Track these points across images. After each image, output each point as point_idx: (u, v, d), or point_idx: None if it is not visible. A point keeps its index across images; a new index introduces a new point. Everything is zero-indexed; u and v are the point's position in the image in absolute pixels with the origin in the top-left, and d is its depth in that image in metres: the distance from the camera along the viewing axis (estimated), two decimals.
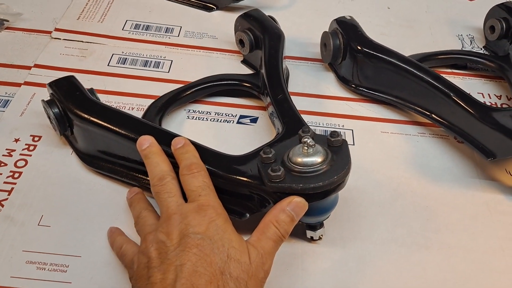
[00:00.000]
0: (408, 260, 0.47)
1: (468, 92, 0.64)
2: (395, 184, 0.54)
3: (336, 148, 0.43)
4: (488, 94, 0.66)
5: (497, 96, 0.65)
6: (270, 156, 0.43)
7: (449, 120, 0.56)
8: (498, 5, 0.70)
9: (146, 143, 0.45)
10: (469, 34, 0.75)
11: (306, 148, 0.42)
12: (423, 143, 0.59)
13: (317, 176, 0.41)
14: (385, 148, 0.58)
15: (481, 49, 0.72)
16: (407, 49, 0.69)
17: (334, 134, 0.44)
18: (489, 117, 0.52)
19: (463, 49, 0.72)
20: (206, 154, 0.45)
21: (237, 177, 0.43)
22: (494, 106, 0.64)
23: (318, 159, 0.42)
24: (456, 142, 0.58)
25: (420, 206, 0.52)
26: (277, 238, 0.39)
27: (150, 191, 0.44)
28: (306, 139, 0.42)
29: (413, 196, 0.53)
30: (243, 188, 0.44)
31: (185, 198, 0.42)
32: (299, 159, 0.42)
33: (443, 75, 0.67)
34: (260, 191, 0.43)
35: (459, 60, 0.69)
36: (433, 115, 0.57)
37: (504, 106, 0.64)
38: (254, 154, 0.45)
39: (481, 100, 0.65)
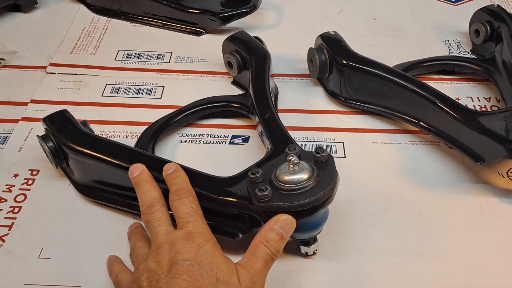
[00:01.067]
0: (404, 270, 0.47)
1: (456, 97, 0.66)
2: (387, 194, 0.54)
3: (322, 164, 0.44)
4: (477, 98, 0.66)
5: (486, 99, 0.66)
6: (258, 176, 0.44)
7: (436, 127, 0.56)
8: (481, 9, 0.71)
9: (137, 171, 0.46)
10: (456, 39, 0.76)
11: (291, 166, 0.43)
12: (414, 151, 0.59)
13: (303, 193, 0.42)
14: (377, 159, 0.58)
15: (469, 52, 0.73)
16: (395, 58, 0.70)
17: (319, 150, 0.45)
18: (475, 121, 0.53)
19: (450, 54, 0.73)
20: (195, 177, 0.46)
21: (227, 199, 0.44)
22: (484, 109, 0.64)
23: (304, 176, 0.42)
24: (447, 148, 0.59)
25: (413, 214, 0.52)
26: (267, 258, 0.40)
27: None
28: (291, 157, 0.42)
29: (406, 205, 0.53)
30: (233, 209, 0.45)
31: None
32: (286, 177, 0.43)
33: (432, 82, 0.68)
34: (250, 211, 0.44)
35: (446, 66, 0.69)
36: (421, 123, 0.58)
37: (493, 108, 0.65)
38: (243, 174, 0.46)
39: (471, 103, 0.65)
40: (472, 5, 0.81)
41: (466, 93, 0.67)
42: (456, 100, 0.56)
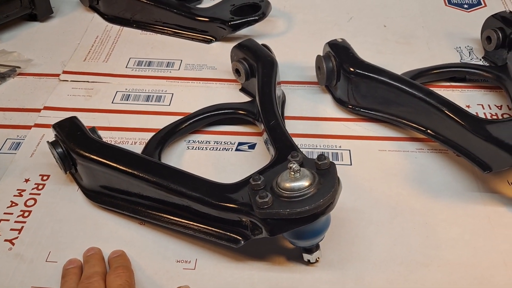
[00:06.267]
0: (407, 279, 0.47)
1: (467, 105, 0.65)
2: (393, 202, 0.54)
3: (324, 171, 0.44)
4: (488, 105, 0.65)
5: (497, 107, 0.65)
6: (259, 182, 0.44)
7: (444, 135, 0.56)
8: (493, 16, 0.70)
9: (92, 251, 0.49)
10: (468, 46, 0.75)
11: (292, 173, 0.43)
12: (421, 159, 0.58)
13: (303, 200, 0.42)
14: (383, 167, 0.58)
15: (480, 59, 0.72)
16: (405, 66, 0.70)
17: (321, 157, 0.45)
18: (482, 129, 0.52)
19: (462, 61, 0.72)
20: (198, 183, 0.47)
21: (228, 205, 0.45)
22: (495, 117, 0.63)
23: (305, 183, 0.42)
24: (456, 156, 0.58)
25: (419, 223, 0.51)
26: None
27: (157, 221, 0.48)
28: (292, 165, 0.43)
29: (412, 214, 0.52)
30: (234, 215, 0.45)
31: None
32: (287, 184, 0.43)
33: (442, 89, 0.68)
34: (251, 218, 0.44)
35: (456, 73, 0.69)
36: (428, 131, 0.57)
37: (505, 116, 0.64)
38: (246, 181, 0.47)
39: (481, 111, 0.64)
40: (485, 12, 0.80)
41: (477, 101, 0.66)
42: (464, 108, 0.56)
